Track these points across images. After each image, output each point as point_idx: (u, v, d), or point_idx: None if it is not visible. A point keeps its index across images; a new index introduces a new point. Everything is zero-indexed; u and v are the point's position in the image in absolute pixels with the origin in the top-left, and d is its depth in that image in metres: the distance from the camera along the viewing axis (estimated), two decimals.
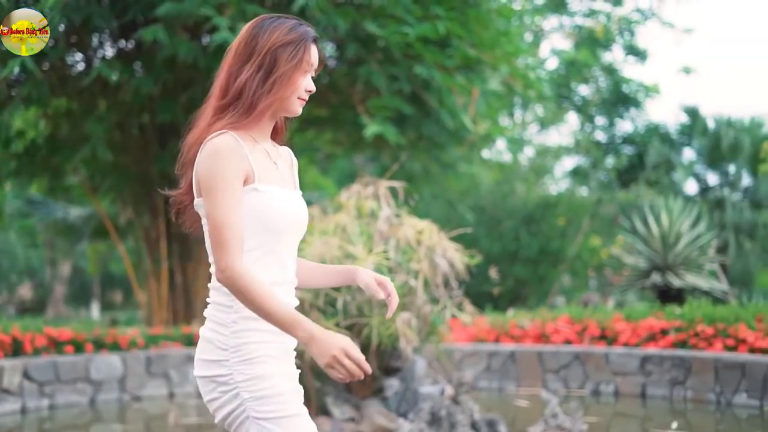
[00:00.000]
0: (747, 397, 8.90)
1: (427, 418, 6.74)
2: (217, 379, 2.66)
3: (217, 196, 2.59)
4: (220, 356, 2.66)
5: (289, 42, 2.72)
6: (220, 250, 2.57)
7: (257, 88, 2.70)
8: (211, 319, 2.70)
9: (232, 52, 2.77)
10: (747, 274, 27.30)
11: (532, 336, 11.31)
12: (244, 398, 2.63)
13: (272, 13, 2.85)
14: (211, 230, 2.61)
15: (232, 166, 2.62)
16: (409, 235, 6.79)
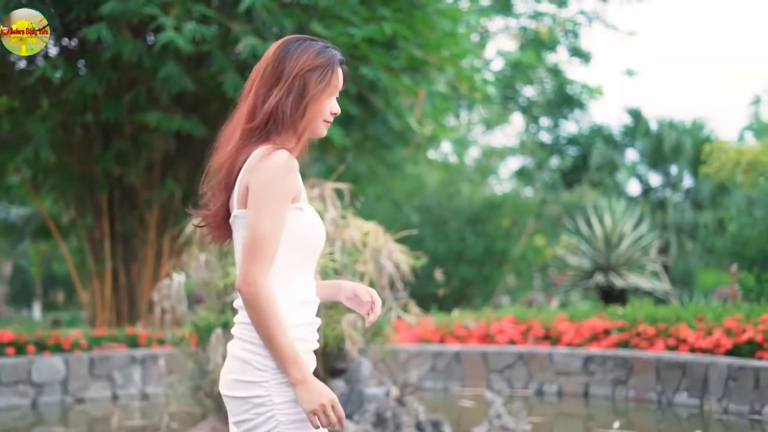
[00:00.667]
0: (687, 396, 9.03)
1: (373, 420, 6.76)
2: (253, 400, 2.63)
3: (266, 209, 2.59)
4: (258, 377, 2.63)
5: (318, 66, 2.73)
6: (254, 262, 2.57)
7: (292, 112, 2.71)
8: (246, 339, 2.66)
9: (259, 75, 2.76)
10: (688, 274, 27.66)
11: (477, 336, 11.38)
12: (280, 421, 2.61)
13: (299, 35, 2.84)
14: (250, 239, 2.59)
15: (287, 184, 2.62)
16: (355, 237, 6.81)
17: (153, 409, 9.29)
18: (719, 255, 17.62)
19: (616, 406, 9.35)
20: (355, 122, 12.53)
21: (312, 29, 10.91)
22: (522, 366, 10.31)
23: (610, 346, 10.38)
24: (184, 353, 7.27)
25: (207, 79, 11.69)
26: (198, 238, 7.30)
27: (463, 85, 14.00)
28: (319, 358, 6.74)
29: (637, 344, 10.26)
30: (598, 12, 27.06)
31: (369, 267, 6.71)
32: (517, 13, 26.62)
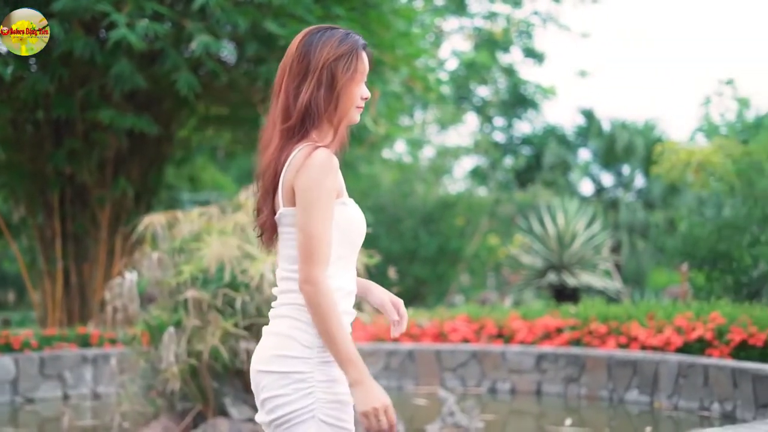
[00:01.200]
0: (638, 393, 9.13)
1: None
2: (294, 375, 2.65)
3: (316, 208, 2.63)
4: (302, 353, 2.66)
5: (342, 54, 2.76)
6: (312, 262, 2.61)
7: (326, 105, 2.75)
8: (293, 317, 2.71)
9: (286, 72, 2.79)
10: (640, 273, 27.92)
11: (431, 335, 11.40)
12: (319, 398, 2.64)
13: (318, 25, 2.86)
14: (303, 241, 2.63)
15: (331, 181, 2.66)
16: None
17: (104, 409, 9.21)
18: (670, 254, 17.77)
19: (568, 404, 9.42)
20: None
21: (266, 28, 10.88)
22: (475, 364, 10.36)
23: (563, 344, 10.45)
24: (136, 352, 7.22)
25: (160, 77, 11.62)
26: (150, 236, 7.27)
27: (418, 84, 14.04)
28: None
29: (589, 342, 10.35)
30: (552, 13, 27.24)
31: None
32: (472, 14, 26.72)
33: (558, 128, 31.62)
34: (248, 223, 6.77)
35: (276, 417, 2.68)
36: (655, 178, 27.40)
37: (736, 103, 25.41)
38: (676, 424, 8.08)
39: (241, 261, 6.43)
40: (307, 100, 2.73)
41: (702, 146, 20.94)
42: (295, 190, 2.67)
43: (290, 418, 2.65)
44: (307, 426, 2.64)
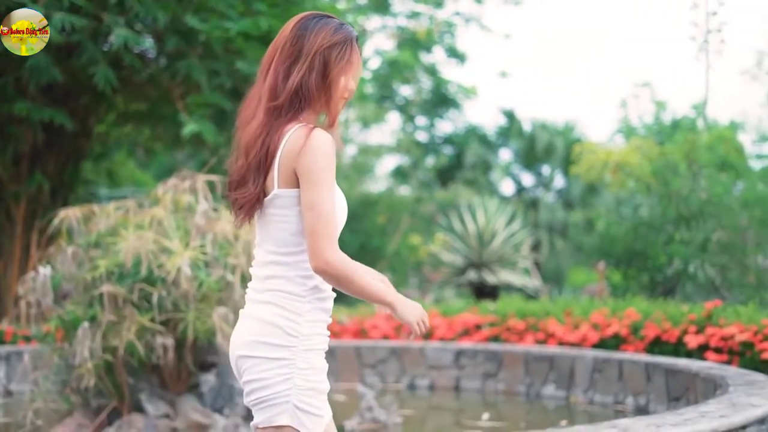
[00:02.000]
0: (555, 388, 9.25)
1: (243, 413, 6.73)
2: (278, 361, 2.73)
3: (323, 187, 2.69)
4: (287, 341, 2.74)
5: (336, 43, 2.81)
6: (324, 240, 2.67)
7: (317, 90, 2.81)
8: (278, 304, 2.77)
9: (277, 52, 2.84)
10: (559, 271, 28.27)
11: (351, 331, 11.42)
12: (296, 384, 2.73)
13: (314, 12, 2.89)
14: (313, 220, 2.68)
15: (333, 161, 2.73)
16: (227, 230, 6.76)
17: (17, 407, 9.03)
18: (588, 253, 18.04)
19: (486, 399, 9.50)
20: (230, 117, 12.42)
21: (186, 22, 10.79)
22: (395, 360, 10.39)
23: (482, 340, 10.54)
24: (49, 348, 7.11)
25: (77, 70, 11.44)
26: (66, 230, 7.16)
27: None
28: (189, 351, 6.68)
29: (507, 338, 10.46)
30: (474, 14, 27.40)
31: (241, 260, 6.68)
32: (395, 13, 26.77)
33: (479, 128, 31.86)
34: (165, 217, 6.70)
35: (253, 399, 2.78)
36: (574, 178, 27.77)
37: (654, 105, 25.86)
38: (591, 418, 8.20)
39: (157, 255, 6.37)
40: (297, 83, 2.77)
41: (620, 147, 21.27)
42: (299, 171, 2.71)
43: (265, 399, 2.74)
44: (281, 409, 2.73)
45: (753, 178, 14.83)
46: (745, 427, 5.23)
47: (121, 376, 6.58)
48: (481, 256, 16.72)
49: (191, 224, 6.73)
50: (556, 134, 31.30)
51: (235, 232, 6.82)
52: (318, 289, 2.81)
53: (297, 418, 2.73)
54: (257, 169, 2.79)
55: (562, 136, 31.35)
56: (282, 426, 2.75)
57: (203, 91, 11.30)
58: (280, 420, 2.75)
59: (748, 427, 5.26)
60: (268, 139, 2.77)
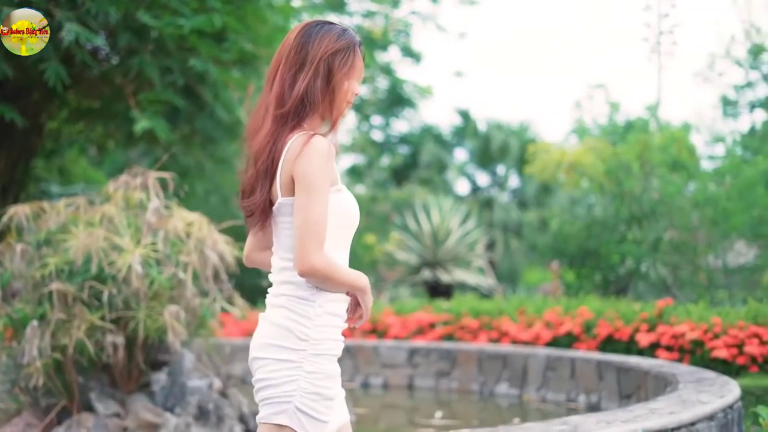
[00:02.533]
0: (508, 386, 9.28)
1: (195, 412, 6.68)
2: (287, 363, 2.81)
3: (316, 193, 2.75)
4: (297, 345, 2.81)
5: (340, 49, 2.89)
6: (309, 243, 2.73)
7: (321, 96, 2.87)
8: (291, 309, 2.84)
9: (282, 60, 2.91)
10: (514, 270, 28.40)
11: None
12: (301, 386, 2.79)
13: (317, 19, 2.95)
14: (302, 223, 2.75)
15: (329, 168, 2.78)
16: (179, 227, 6.70)
17: None
18: (542, 252, 18.13)
19: (440, 397, 9.52)
20: (183, 115, 12.33)
21: (139, 19, 10.69)
22: (348, 359, 10.37)
23: (436, 339, 10.56)
24: None
25: (28, 66, 11.29)
26: (15, 227, 7.07)
27: None
28: (140, 350, 6.62)
29: (461, 337, 10.49)
30: (430, 13, 27.44)
31: (192, 258, 6.63)
32: (351, 12, 26.75)
33: (435, 128, 31.91)
34: (117, 214, 6.64)
35: (261, 397, 2.85)
36: (528, 178, 27.92)
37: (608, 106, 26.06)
38: (544, 416, 8.24)
39: (108, 253, 6.30)
40: (303, 90, 2.84)
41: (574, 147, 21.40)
42: (294, 175, 2.78)
43: (270, 398, 2.82)
44: (281, 408, 2.80)
45: (705, 179, 14.98)
46: (694, 424, 5.27)
47: (70, 375, 6.50)
48: (435, 255, 16.75)
49: (142, 222, 6.67)
50: (511, 134, 31.43)
51: (187, 230, 6.77)
52: (326, 293, 2.87)
53: (297, 419, 2.79)
54: (264, 177, 2.87)
55: (516, 136, 31.49)
56: (282, 425, 2.81)
57: (156, 88, 11.19)
58: (279, 419, 2.81)
59: (697, 423, 5.31)
60: (274, 148, 2.84)
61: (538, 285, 24.03)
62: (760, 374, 8.40)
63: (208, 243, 6.77)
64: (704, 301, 10.03)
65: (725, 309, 9.47)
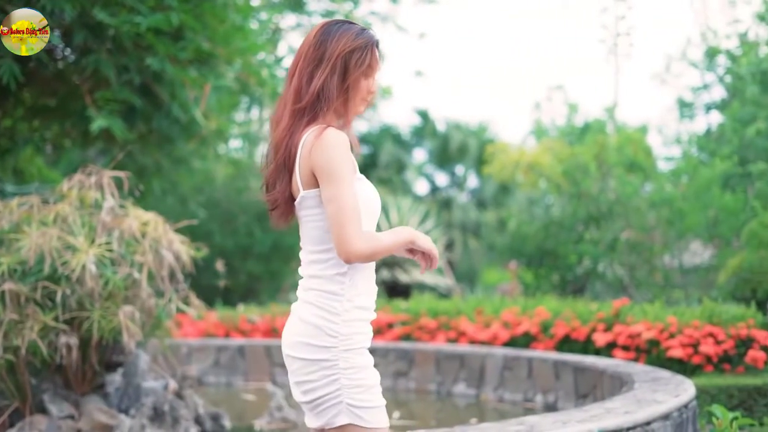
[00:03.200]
0: (465, 386, 9.30)
1: (150, 414, 6.63)
2: (321, 363, 2.87)
3: (341, 181, 2.82)
4: (328, 342, 2.87)
5: (357, 47, 2.98)
6: (348, 229, 2.80)
7: (337, 92, 2.97)
8: (318, 306, 2.91)
9: (302, 57, 3.01)
10: (473, 271, 28.46)
11: (262, 330, 11.34)
12: (344, 384, 2.86)
13: (337, 18, 3.06)
14: (335, 213, 2.82)
15: (348, 157, 2.87)
16: (134, 227, 6.64)
17: None
18: (500, 252, 18.19)
19: (398, 397, 9.51)
20: (140, 114, 12.22)
21: (95, 16, 10.58)
22: None
23: (394, 339, 10.55)
24: None
25: None
26: None
27: (251, 80, 13.90)
28: (95, 351, 6.55)
29: (419, 337, 10.48)
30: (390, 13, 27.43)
31: (148, 258, 6.56)
32: (310, 11, 26.67)
33: (394, 128, 31.93)
34: (71, 213, 6.56)
35: (311, 399, 2.91)
36: (487, 178, 28.00)
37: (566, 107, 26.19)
38: (501, 415, 8.26)
39: (62, 253, 6.23)
40: (319, 86, 2.94)
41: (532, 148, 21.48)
42: (314, 168, 2.87)
43: (321, 402, 2.88)
44: (337, 410, 2.87)
45: (661, 180, 15.10)
46: (649, 423, 5.30)
47: (23, 377, 6.42)
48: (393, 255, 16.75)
49: (97, 221, 6.60)
50: (470, 134, 31.50)
51: (143, 230, 6.71)
52: (355, 286, 2.93)
53: (355, 415, 2.87)
54: (283, 170, 2.98)
55: (475, 136, 31.57)
56: (343, 426, 2.89)
57: (112, 86, 11.08)
58: (339, 421, 2.88)
59: (652, 422, 5.34)
60: (290, 142, 2.95)
61: (496, 285, 24.10)
62: (715, 373, 8.47)
63: (163, 243, 6.71)
64: (660, 301, 10.09)
65: (681, 309, 9.54)
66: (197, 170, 17.78)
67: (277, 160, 2.99)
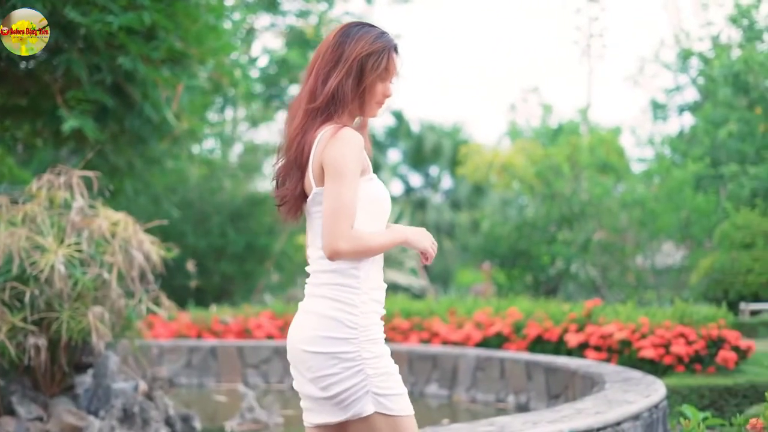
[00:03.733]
0: (438, 387, 9.29)
1: (119, 415, 6.58)
2: (342, 355, 2.85)
3: (345, 179, 2.83)
4: (348, 334, 2.86)
5: (374, 51, 2.99)
6: (338, 225, 2.81)
7: (352, 95, 2.97)
8: (335, 299, 2.90)
9: (319, 57, 3.02)
10: (447, 271, 28.49)
11: (235, 332, 11.30)
12: (368, 374, 2.85)
13: (358, 21, 3.08)
14: (329, 209, 2.83)
15: (358, 156, 2.88)
16: (104, 227, 6.59)
17: None
18: (474, 253, 18.21)
19: None
20: (112, 114, 12.15)
21: (66, 15, 10.52)
22: (278, 360, 10.30)
23: None
24: None
25: None
26: None
27: (224, 80, 13.86)
28: (64, 352, 6.49)
29: (392, 338, 10.47)
30: (365, 13, 27.42)
31: (118, 258, 6.52)
32: (284, 11, 26.61)
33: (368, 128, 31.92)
34: (39, 213, 6.51)
35: (333, 394, 2.87)
36: (461, 179, 28.03)
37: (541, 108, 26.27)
38: (473, 416, 8.25)
39: (30, 253, 6.17)
40: (334, 87, 2.95)
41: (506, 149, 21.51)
42: (324, 163, 2.88)
43: (348, 395, 2.85)
44: (364, 401, 2.85)
45: (633, 181, 15.16)
46: (619, 423, 5.31)
47: None
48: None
49: (66, 221, 6.55)
50: (444, 135, 31.55)
51: (112, 230, 6.66)
52: (370, 279, 2.94)
53: (380, 404, 2.86)
54: (294, 167, 2.99)
55: (449, 137, 31.61)
56: (368, 416, 2.88)
57: (84, 86, 11.01)
58: (366, 411, 2.87)
59: (622, 423, 5.34)
60: (303, 140, 2.96)
61: (470, 286, 24.12)
62: (686, 374, 8.50)
63: (133, 243, 6.67)
64: (632, 302, 10.13)
65: (653, 309, 9.58)
66: (170, 170, 17.68)
67: (289, 157, 3.01)
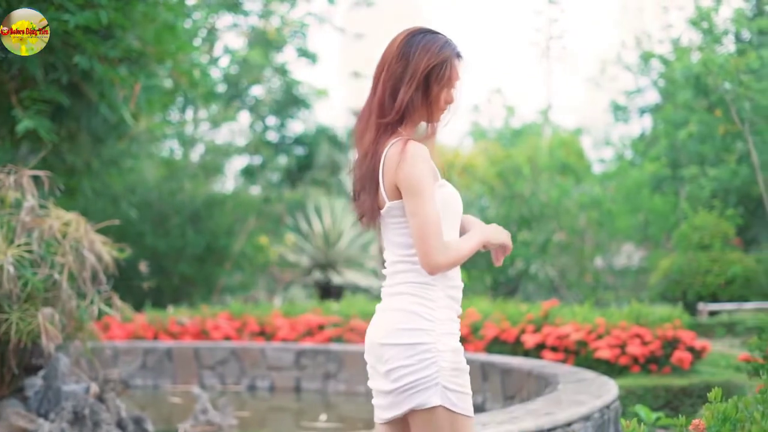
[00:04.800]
0: None
1: (69, 418, 6.50)
2: (420, 346, 2.91)
3: (423, 195, 2.91)
4: (427, 326, 2.93)
5: (439, 63, 3.04)
6: (432, 244, 2.88)
7: (418, 108, 3.04)
8: (413, 294, 2.97)
9: (385, 68, 3.08)
10: None
11: (192, 333, 11.23)
12: (442, 366, 2.90)
13: (420, 27, 3.13)
14: (418, 228, 2.90)
15: (429, 168, 2.94)
16: (55, 227, 6.51)
17: None
18: None
19: (327, 399, 9.47)
20: (67, 114, 12.04)
21: None
22: (234, 361, 10.26)
23: (325, 340, 10.50)
24: None
25: None
26: None
27: (183, 80, 13.76)
28: (13, 354, 6.41)
29: (350, 339, 10.45)
30: (327, 14, 27.40)
31: (69, 258, 6.44)
32: (246, 11, 26.53)
33: (330, 129, 31.84)
34: None
35: (401, 385, 2.92)
36: None
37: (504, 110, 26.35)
38: None
39: None
40: (404, 103, 3.01)
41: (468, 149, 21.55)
42: (399, 183, 2.95)
43: (415, 385, 2.90)
44: (431, 392, 2.89)
45: (592, 182, 15.23)
46: (570, 424, 5.32)
47: None
48: (327, 257, 16.68)
49: (16, 221, 6.46)
50: None
51: (63, 230, 6.58)
52: (446, 277, 3.01)
53: (447, 398, 2.89)
54: (368, 181, 3.05)
55: None
56: (433, 408, 2.90)
57: (39, 85, 10.90)
58: (432, 402, 2.89)
59: (573, 423, 5.35)
60: (375, 155, 3.03)
61: None
62: (642, 374, 8.55)
63: (85, 243, 6.59)
64: (589, 303, 10.17)
65: (610, 310, 9.62)
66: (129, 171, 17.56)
67: (363, 172, 3.07)
